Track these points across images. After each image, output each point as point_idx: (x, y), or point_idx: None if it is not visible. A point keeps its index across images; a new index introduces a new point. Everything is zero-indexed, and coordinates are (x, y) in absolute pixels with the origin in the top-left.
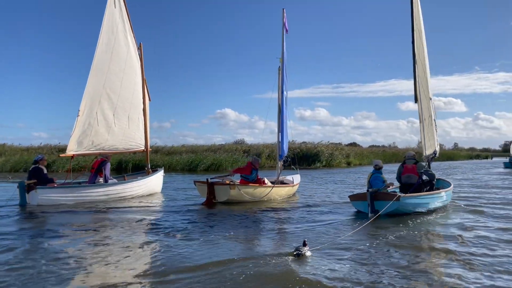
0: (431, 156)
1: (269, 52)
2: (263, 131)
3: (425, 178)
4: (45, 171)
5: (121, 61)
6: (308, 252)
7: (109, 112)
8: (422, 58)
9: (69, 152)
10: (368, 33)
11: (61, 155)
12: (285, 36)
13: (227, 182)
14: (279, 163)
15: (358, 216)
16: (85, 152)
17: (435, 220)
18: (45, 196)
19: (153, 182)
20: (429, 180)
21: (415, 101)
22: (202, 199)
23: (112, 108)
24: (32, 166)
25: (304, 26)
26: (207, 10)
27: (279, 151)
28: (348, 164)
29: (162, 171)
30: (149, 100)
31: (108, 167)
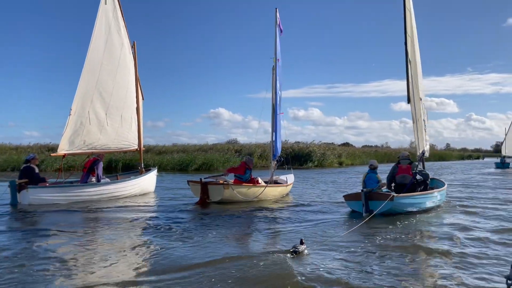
0: (420, 156)
1: (263, 52)
2: (257, 131)
3: (419, 178)
4: (37, 170)
5: (115, 60)
6: (305, 250)
7: (102, 111)
8: (414, 60)
9: (61, 151)
10: (363, 34)
11: (52, 154)
12: (279, 36)
13: (221, 182)
14: (273, 163)
15: (353, 216)
16: (77, 152)
17: (429, 220)
18: (37, 196)
19: (146, 182)
20: (423, 180)
21: (408, 102)
22: (196, 199)
23: (105, 107)
24: (24, 165)
25: (299, 26)
26: (201, 9)
27: (273, 151)
28: (340, 164)
29: (156, 171)
30: (143, 99)
31: (101, 167)
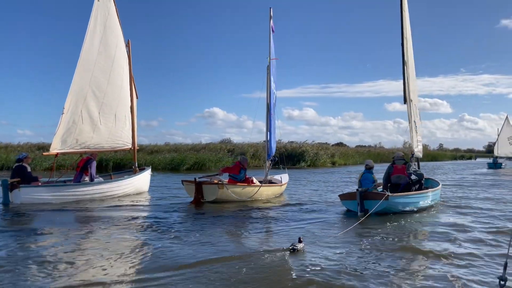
0: (409, 157)
1: (258, 51)
2: (252, 131)
3: (414, 178)
4: (29, 170)
5: (109, 58)
6: (303, 248)
7: (95, 110)
8: (407, 62)
9: (53, 151)
10: (357, 34)
11: (45, 154)
12: (273, 35)
13: (215, 182)
14: (267, 163)
15: (348, 215)
16: (70, 151)
17: (423, 219)
18: (29, 195)
19: (140, 181)
20: (418, 180)
21: (404, 102)
22: (190, 199)
23: (98, 106)
24: (16, 164)
25: (293, 26)
26: (196, 8)
27: (268, 151)
28: (333, 164)
29: (149, 170)
30: (137, 98)
31: (94, 166)
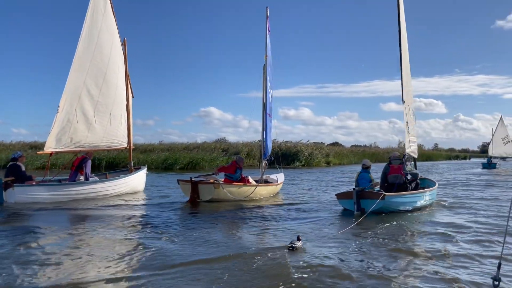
0: (402, 158)
1: (254, 51)
2: (247, 130)
3: (410, 177)
4: (23, 168)
5: (104, 57)
6: (302, 246)
7: (90, 109)
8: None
9: (47, 149)
10: (353, 34)
11: (39, 153)
12: (270, 35)
13: (211, 181)
14: (263, 162)
15: (345, 214)
16: (64, 150)
17: (420, 219)
18: (23, 194)
19: (136, 181)
20: (414, 179)
21: (403, 102)
22: (186, 198)
23: (93, 105)
24: (10, 163)
25: (289, 26)
26: (192, 8)
27: (264, 150)
28: (328, 164)
29: (145, 169)
30: (132, 97)
31: (89, 165)
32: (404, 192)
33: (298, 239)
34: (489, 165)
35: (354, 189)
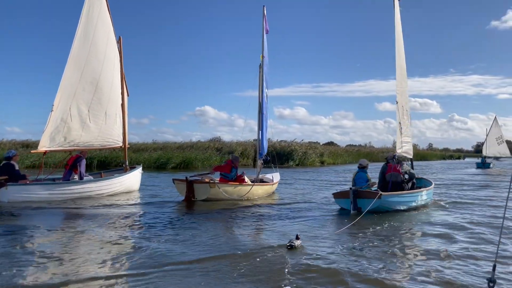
0: (391, 158)
1: (250, 50)
2: (243, 129)
3: (406, 177)
4: (17, 167)
5: (100, 55)
6: (301, 245)
7: (84, 107)
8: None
9: (41, 148)
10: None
11: (33, 151)
12: (266, 35)
13: (207, 181)
14: (259, 162)
15: (341, 213)
16: (58, 149)
17: (416, 218)
18: (17, 193)
19: (131, 180)
20: (410, 179)
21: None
22: (181, 197)
23: (88, 103)
24: (4, 162)
25: (285, 25)
26: (188, 6)
27: (259, 150)
28: (322, 163)
29: (140, 169)
30: (128, 95)
31: (84, 164)
32: (401, 192)
33: (297, 238)
34: (483, 165)
35: (351, 189)
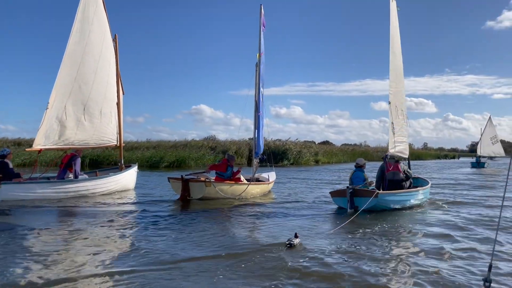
0: (382, 157)
1: (247, 49)
2: (239, 128)
3: (405, 176)
4: (11, 166)
5: (95, 53)
6: (300, 244)
7: (80, 106)
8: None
9: (36, 146)
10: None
11: (27, 150)
12: (263, 31)
13: (202, 179)
14: (255, 161)
15: (338, 212)
16: (53, 147)
17: (412, 217)
18: (11, 192)
19: (126, 178)
20: (407, 178)
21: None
22: (176, 196)
23: (83, 102)
24: None
25: (281, 24)
26: (184, 4)
27: (255, 149)
28: (317, 162)
29: (136, 167)
30: (123, 94)
31: (79, 162)
32: (397, 191)
33: (296, 236)
34: (478, 165)
35: (348, 187)
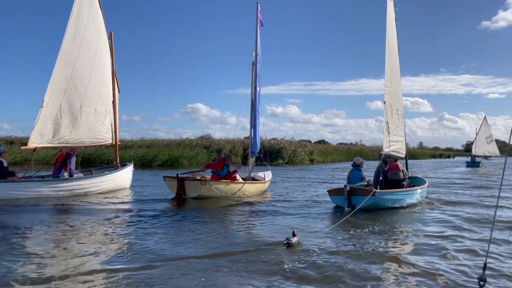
0: (378, 157)
1: (244, 47)
2: (235, 127)
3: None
4: (5, 164)
5: (91, 51)
6: (298, 242)
7: (74, 104)
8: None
9: (31, 145)
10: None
11: (23, 148)
12: (260, 29)
13: (198, 178)
14: (252, 159)
15: (336, 210)
16: (48, 145)
17: (408, 216)
18: (6, 190)
19: (122, 177)
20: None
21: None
22: (172, 195)
23: (79, 100)
24: None
25: (278, 23)
26: (180, 2)
27: (251, 147)
28: (311, 161)
29: (132, 166)
30: (119, 92)
31: (74, 161)
32: (394, 190)
33: (294, 235)
34: (473, 164)
35: (345, 186)
